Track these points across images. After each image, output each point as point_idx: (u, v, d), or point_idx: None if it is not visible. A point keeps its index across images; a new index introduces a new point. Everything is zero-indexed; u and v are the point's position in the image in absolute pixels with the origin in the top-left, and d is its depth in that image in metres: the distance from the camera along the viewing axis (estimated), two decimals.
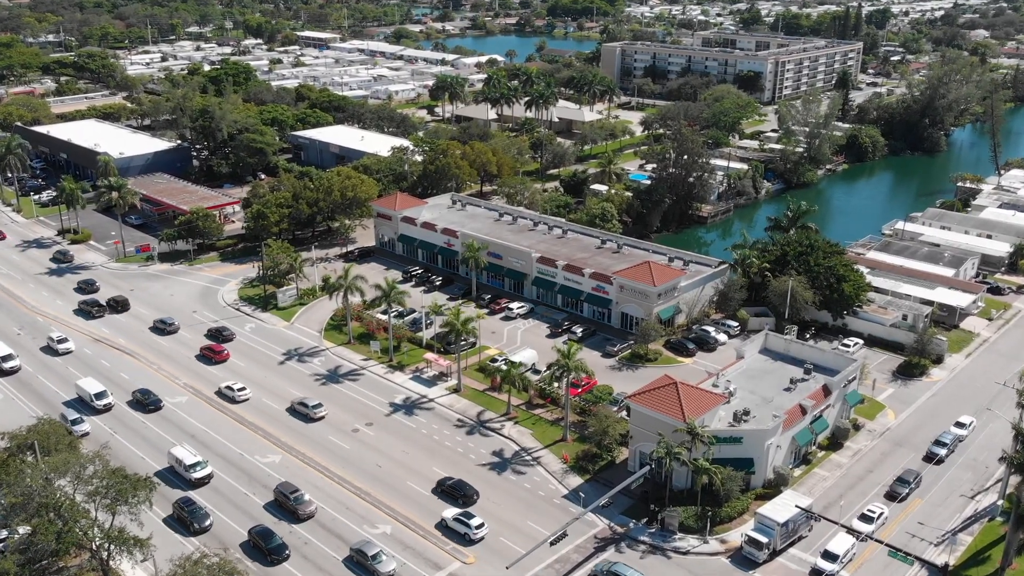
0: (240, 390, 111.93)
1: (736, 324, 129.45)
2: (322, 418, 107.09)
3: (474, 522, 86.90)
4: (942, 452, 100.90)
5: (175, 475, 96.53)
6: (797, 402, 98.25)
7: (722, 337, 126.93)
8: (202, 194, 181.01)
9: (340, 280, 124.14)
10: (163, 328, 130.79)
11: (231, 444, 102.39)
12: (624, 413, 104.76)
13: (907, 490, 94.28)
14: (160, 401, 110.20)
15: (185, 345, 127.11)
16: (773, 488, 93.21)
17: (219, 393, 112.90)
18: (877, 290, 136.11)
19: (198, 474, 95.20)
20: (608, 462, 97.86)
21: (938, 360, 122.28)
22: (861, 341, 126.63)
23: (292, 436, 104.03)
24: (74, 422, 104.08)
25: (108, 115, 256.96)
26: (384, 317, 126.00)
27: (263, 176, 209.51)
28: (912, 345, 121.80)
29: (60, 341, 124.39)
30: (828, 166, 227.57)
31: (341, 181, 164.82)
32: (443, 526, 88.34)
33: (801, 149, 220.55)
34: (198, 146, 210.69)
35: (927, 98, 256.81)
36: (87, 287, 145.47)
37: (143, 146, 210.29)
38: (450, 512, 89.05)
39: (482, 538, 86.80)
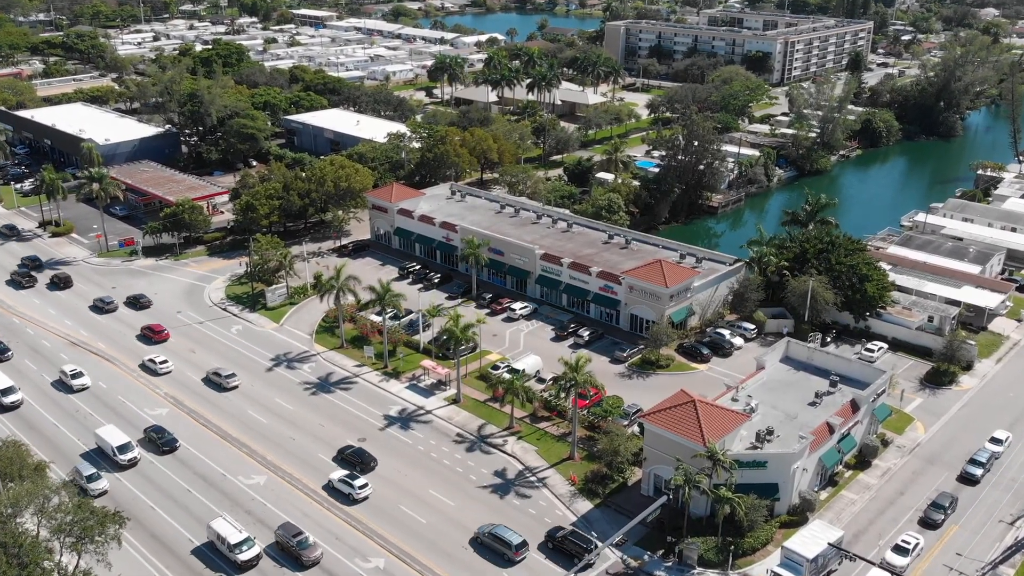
0: (163, 363, 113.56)
1: (752, 327, 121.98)
2: (235, 387, 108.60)
3: (358, 483, 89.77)
4: (978, 472, 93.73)
5: (214, 552, 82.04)
6: (824, 419, 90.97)
7: (738, 341, 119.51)
8: (189, 183, 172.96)
9: (332, 280, 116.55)
10: (101, 307, 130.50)
11: (216, 465, 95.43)
12: (636, 428, 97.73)
13: (942, 517, 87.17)
14: (176, 441, 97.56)
15: (126, 324, 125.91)
16: (799, 514, 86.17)
17: (143, 366, 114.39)
18: (900, 289, 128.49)
19: (244, 555, 79.87)
20: (619, 484, 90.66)
21: (968, 366, 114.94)
22: (885, 345, 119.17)
23: (277, 454, 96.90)
24: (89, 478, 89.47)
25: (95, 98, 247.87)
26: (378, 319, 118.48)
27: (255, 163, 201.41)
28: (941, 351, 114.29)
29: (74, 375, 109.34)
30: (842, 152, 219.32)
31: (334, 171, 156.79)
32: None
33: (814, 134, 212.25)
34: (186, 132, 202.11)
35: (942, 80, 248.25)
36: (31, 263, 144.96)
37: (129, 132, 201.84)
38: (341, 478, 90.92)
39: (365, 497, 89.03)
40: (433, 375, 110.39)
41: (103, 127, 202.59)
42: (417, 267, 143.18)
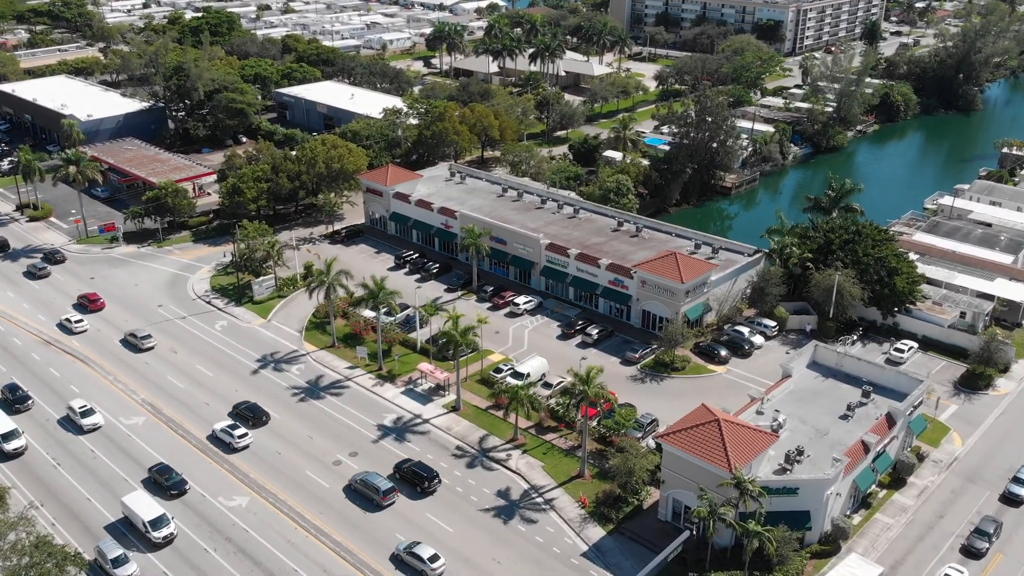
0: (78, 322, 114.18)
1: (774, 324, 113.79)
2: (151, 348, 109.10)
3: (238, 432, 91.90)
4: (1022, 492, 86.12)
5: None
6: (858, 437, 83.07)
7: (758, 339, 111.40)
8: (174, 163, 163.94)
9: (322, 275, 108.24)
10: (35, 272, 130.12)
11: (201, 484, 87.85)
12: (651, 441, 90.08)
13: (987, 545, 79.62)
14: (185, 483, 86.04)
15: (59, 291, 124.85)
16: (831, 543, 78.72)
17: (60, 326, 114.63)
18: (929, 282, 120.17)
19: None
20: (634, 507, 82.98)
21: (1004, 369, 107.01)
22: (915, 345, 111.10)
23: (262, 471, 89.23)
24: (115, 561, 74.20)
25: (80, 70, 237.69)
26: (372, 314, 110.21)
27: (244, 139, 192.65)
28: (977, 352, 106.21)
29: (84, 413, 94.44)
30: (858, 127, 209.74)
31: (326, 151, 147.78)
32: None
33: (830, 109, 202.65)
34: (172, 107, 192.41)
35: (961, 52, 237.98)
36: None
37: (113, 107, 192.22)
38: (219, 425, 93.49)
39: (246, 446, 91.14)
40: (431, 379, 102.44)
41: (86, 102, 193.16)
42: (414, 256, 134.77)
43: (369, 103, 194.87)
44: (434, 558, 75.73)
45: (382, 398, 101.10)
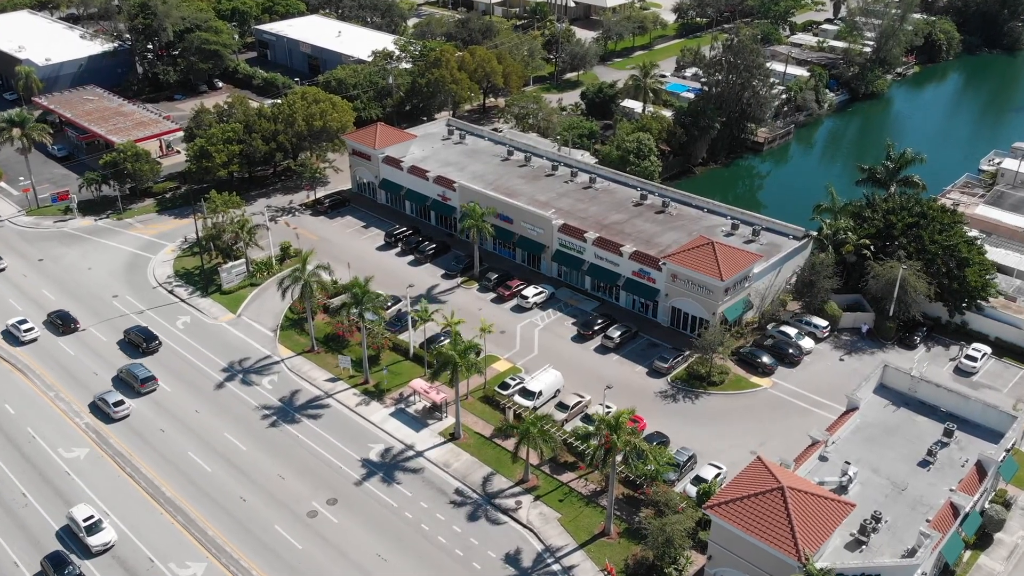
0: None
1: (825, 324, 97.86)
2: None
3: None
4: None
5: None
6: (946, 497, 68.10)
7: (807, 343, 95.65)
8: (138, 117, 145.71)
9: (296, 272, 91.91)
10: None
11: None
12: (690, 487, 75.30)
13: None
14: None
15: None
16: None
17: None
18: (1000, 270, 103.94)
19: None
20: None
21: None
22: (988, 350, 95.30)
23: (223, 529, 74.49)
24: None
25: (44, 3, 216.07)
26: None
27: (220, 84, 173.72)
28: None
29: (90, 528, 72.13)
30: (898, 70, 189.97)
31: (306, 107, 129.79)
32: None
33: (869, 49, 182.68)
34: (140, 49, 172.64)
35: None
36: None
37: (75, 50, 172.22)
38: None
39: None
40: (425, 399, 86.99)
41: (47, 43, 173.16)
42: (407, 232, 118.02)
43: (358, 42, 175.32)
44: None
45: (368, 421, 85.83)
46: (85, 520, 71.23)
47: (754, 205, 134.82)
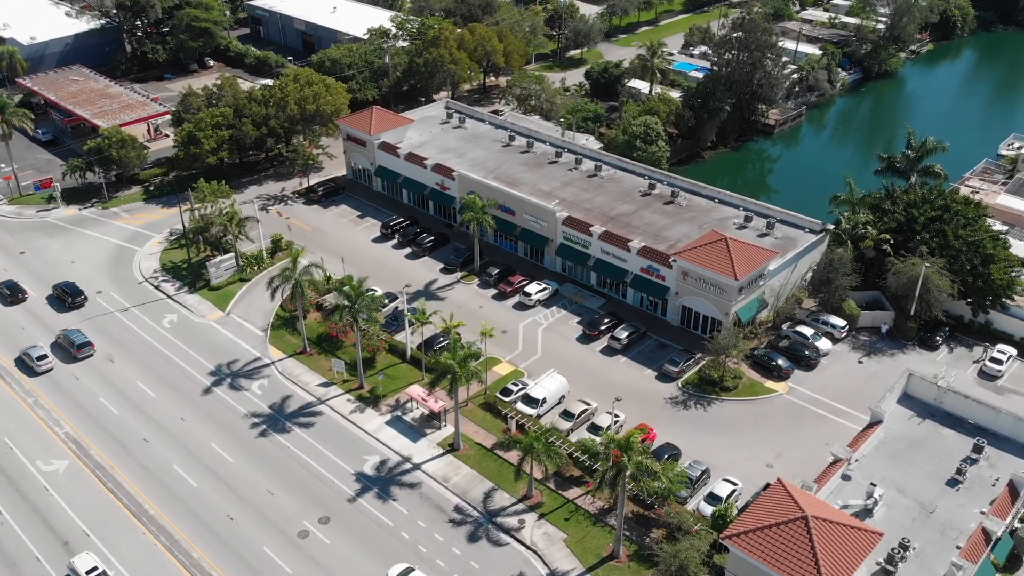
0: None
1: (843, 324, 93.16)
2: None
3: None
4: None
5: None
6: (977, 520, 63.91)
7: (824, 344, 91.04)
8: (125, 99, 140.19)
9: (287, 272, 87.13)
10: None
11: None
12: (702, 505, 71.12)
13: None
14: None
15: None
16: None
17: None
18: None
19: None
20: None
21: None
22: (1013, 352, 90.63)
23: (208, 549, 70.30)
24: None
25: None
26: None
27: (211, 63, 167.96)
28: None
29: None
30: (912, 47, 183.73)
31: (299, 90, 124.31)
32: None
33: (882, 26, 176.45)
34: (127, 27, 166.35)
35: None
36: None
37: (61, 28, 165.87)
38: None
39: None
40: (423, 407, 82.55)
41: (31, 20, 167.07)
42: (405, 223, 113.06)
43: (354, 18, 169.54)
44: None
45: (362, 430, 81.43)
46: (88, 572, 65.96)
47: (765, 192, 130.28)
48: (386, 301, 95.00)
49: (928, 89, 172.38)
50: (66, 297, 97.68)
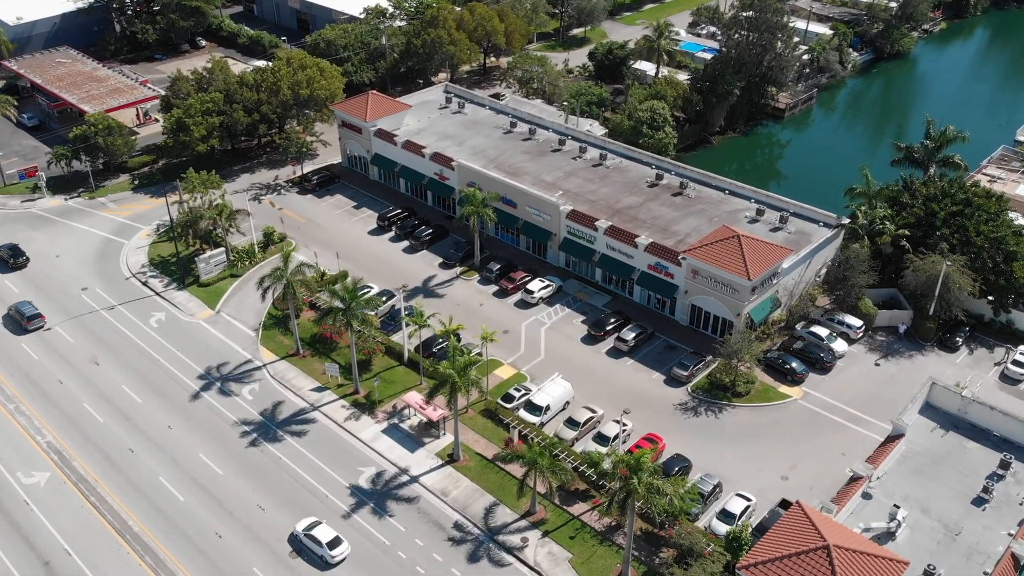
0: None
1: (859, 324, 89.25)
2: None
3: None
4: None
5: None
6: (1006, 544, 60.40)
7: (839, 345, 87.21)
8: (113, 83, 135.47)
9: (278, 271, 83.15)
10: None
11: None
12: (715, 523, 67.64)
13: None
14: None
15: None
16: None
17: None
18: None
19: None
20: None
21: None
22: None
23: (196, 567, 66.86)
24: None
25: None
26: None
27: (203, 43, 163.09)
28: None
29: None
30: (924, 26, 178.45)
31: (292, 74, 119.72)
32: None
33: (895, 4, 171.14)
34: (116, 7, 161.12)
35: None
36: None
37: (49, 7, 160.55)
38: None
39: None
40: (421, 414, 78.90)
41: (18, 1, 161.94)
42: (402, 215, 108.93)
43: None
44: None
45: (357, 439, 77.83)
46: None
47: (776, 179, 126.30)
48: (383, 299, 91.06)
49: (941, 70, 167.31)
50: (8, 256, 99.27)
